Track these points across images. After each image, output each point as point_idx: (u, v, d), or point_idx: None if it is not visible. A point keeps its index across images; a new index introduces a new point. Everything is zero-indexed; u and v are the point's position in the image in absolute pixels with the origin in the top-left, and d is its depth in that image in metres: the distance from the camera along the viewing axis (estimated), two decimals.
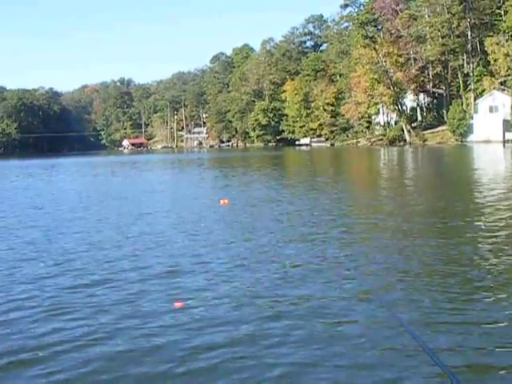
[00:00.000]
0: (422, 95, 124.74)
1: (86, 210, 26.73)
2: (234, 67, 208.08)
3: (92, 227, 20.85)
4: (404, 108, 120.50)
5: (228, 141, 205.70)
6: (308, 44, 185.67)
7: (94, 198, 32.82)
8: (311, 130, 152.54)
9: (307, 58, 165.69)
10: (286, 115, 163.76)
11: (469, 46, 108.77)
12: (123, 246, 16.87)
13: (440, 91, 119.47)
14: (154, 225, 21.04)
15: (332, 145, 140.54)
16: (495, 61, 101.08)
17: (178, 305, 10.63)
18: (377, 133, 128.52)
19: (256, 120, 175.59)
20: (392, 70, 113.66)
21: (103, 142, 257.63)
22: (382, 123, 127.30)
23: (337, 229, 18.28)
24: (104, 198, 32.48)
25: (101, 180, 53.93)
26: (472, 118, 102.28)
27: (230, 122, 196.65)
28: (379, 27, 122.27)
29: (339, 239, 16.56)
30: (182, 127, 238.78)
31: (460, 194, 27.58)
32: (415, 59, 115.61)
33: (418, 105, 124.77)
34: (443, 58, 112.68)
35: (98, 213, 25.58)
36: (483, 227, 17.45)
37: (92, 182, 51.77)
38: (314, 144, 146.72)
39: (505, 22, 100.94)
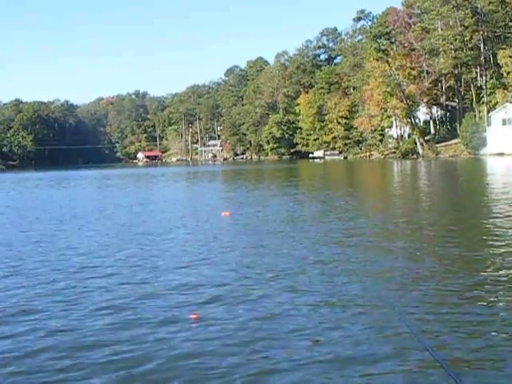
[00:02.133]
0: (435, 108, 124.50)
1: (89, 221, 26.89)
2: (248, 80, 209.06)
3: (90, 241, 20.95)
4: (417, 121, 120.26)
5: (242, 153, 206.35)
6: (322, 57, 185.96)
7: (96, 210, 33.00)
8: (325, 142, 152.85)
9: (321, 71, 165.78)
10: (300, 128, 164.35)
11: (482, 58, 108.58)
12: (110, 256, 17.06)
13: (453, 104, 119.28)
14: (147, 235, 21.18)
15: (345, 158, 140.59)
16: (508, 74, 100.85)
17: (193, 317, 10.57)
18: (390, 146, 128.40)
19: (270, 133, 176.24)
20: (405, 83, 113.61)
21: (118, 154, 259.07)
22: (395, 136, 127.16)
23: (352, 247, 17.73)
24: (103, 211, 32.67)
25: (112, 193, 54.21)
26: (485, 130, 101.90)
27: (245, 134, 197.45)
28: (392, 40, 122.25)
29: (353, 255, 16.26)
30: (197, 140, 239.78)
31: (477, 208, 27.03)
32: (428, 72, 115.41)
33: (431, 118, 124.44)
34: (456, 71, 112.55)
35: (94, 226, 25.71)
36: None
37: (102, 194, 52.13)
38: (327, 157, 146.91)
39: None
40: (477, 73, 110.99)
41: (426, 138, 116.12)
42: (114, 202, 38.77)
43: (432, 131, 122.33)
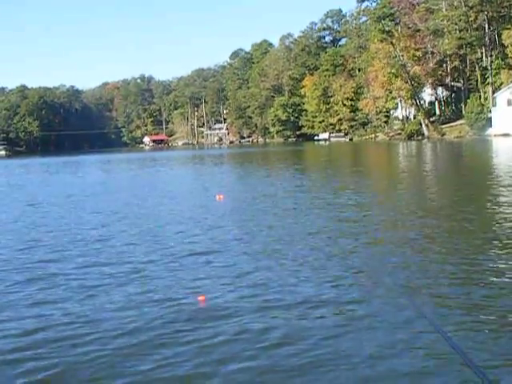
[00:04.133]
0: (440, 89, 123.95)
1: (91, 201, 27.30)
2: (253, 63, 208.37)
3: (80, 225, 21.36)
4: (422, 102, 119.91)
5: (248, 136, 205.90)
6: (327, 39, 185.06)
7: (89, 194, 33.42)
8: (330, 125, 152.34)
9: (326, 53, 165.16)
10: (306, 110, 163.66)
11: (486, 39, 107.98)
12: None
13: (458, 85, 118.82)
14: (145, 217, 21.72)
15: (351, 139, 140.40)
16: None
17: (200, 299, 10.79)
18: (395, 127, 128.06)
19: (275, 115, 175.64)
20: (409, 64, 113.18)
21: (124, 139, 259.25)
22: (401, 118, 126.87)
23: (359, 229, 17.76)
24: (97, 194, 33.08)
25: (109, 176, 54.65)
26: (490, 111, 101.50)
27: (250, 117, 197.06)
28: (396, 21, 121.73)
29: (356, 233, 16.76)
30: (203, 123, 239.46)
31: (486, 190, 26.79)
32: (433, 53, 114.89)
33: (436, 99, 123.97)
34: (461, 52, 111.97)
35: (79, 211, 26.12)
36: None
37: (100, 178, 52.59)
38: (332, 139, 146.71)
39: None
40: (482, 53, 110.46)
41: (431, 119, 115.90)
42: (117, 185, 39.25)
43: (437, 112, 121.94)
